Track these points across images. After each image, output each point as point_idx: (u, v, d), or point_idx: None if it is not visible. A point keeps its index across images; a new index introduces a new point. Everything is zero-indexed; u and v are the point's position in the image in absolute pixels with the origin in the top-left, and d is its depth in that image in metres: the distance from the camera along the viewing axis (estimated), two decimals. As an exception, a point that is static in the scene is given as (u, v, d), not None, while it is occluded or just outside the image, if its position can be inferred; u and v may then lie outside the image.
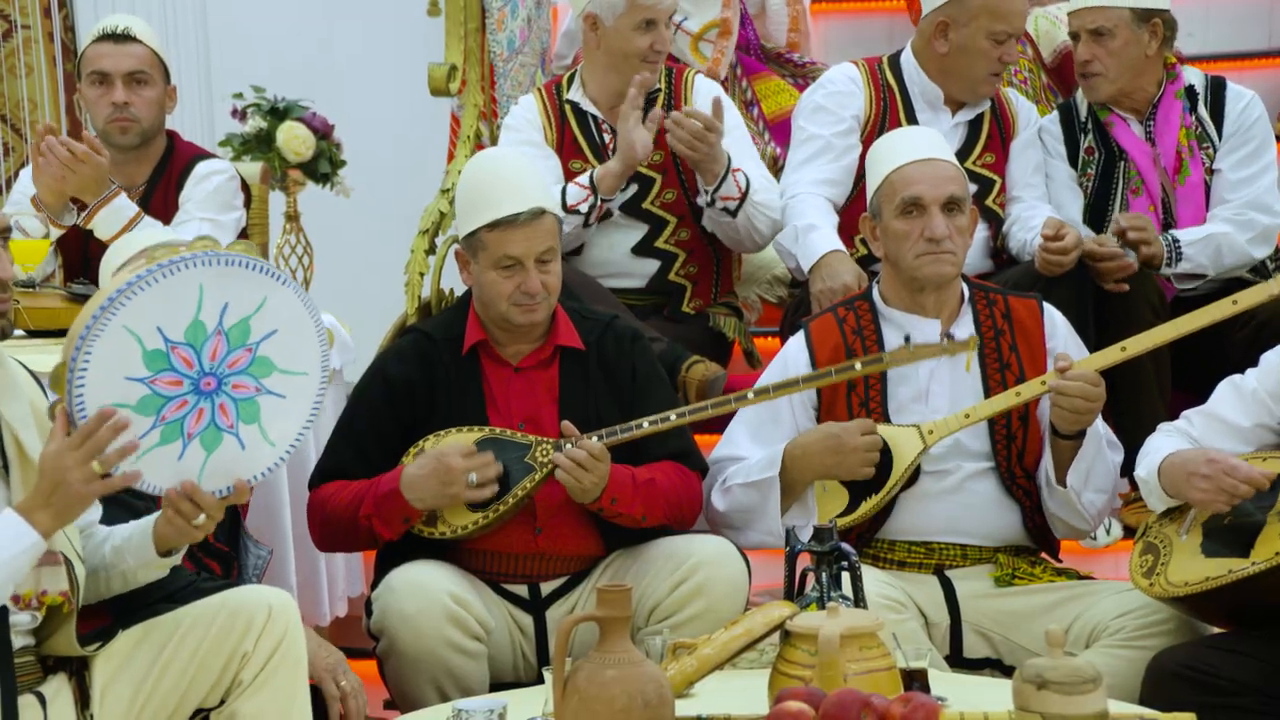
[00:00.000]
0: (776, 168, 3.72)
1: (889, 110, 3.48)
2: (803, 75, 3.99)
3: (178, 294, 2.14)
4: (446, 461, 2.70)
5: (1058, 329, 2.97)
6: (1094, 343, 3.09)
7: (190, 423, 2.18)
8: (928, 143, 2.97)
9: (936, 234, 2.84)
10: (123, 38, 3.44)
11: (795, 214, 3.40)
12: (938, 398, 2.90)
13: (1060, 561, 3.01)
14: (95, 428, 2.11)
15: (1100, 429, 2.87)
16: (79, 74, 3.53)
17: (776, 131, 3.93)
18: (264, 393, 2.22)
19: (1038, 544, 2.96)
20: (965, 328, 2.92)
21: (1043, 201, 3.51)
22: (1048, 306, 2.99)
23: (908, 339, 2.82)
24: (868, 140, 3.35)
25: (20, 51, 4.70)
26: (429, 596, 2.70)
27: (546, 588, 2.88)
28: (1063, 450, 2.85)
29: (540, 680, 2.58)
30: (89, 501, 2.15)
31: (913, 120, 3.47)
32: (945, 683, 2.45)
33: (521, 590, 2.87)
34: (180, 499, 2.20)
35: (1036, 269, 3.25)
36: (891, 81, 3.50)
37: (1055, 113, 3.60)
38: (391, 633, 2.71)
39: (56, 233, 3.28)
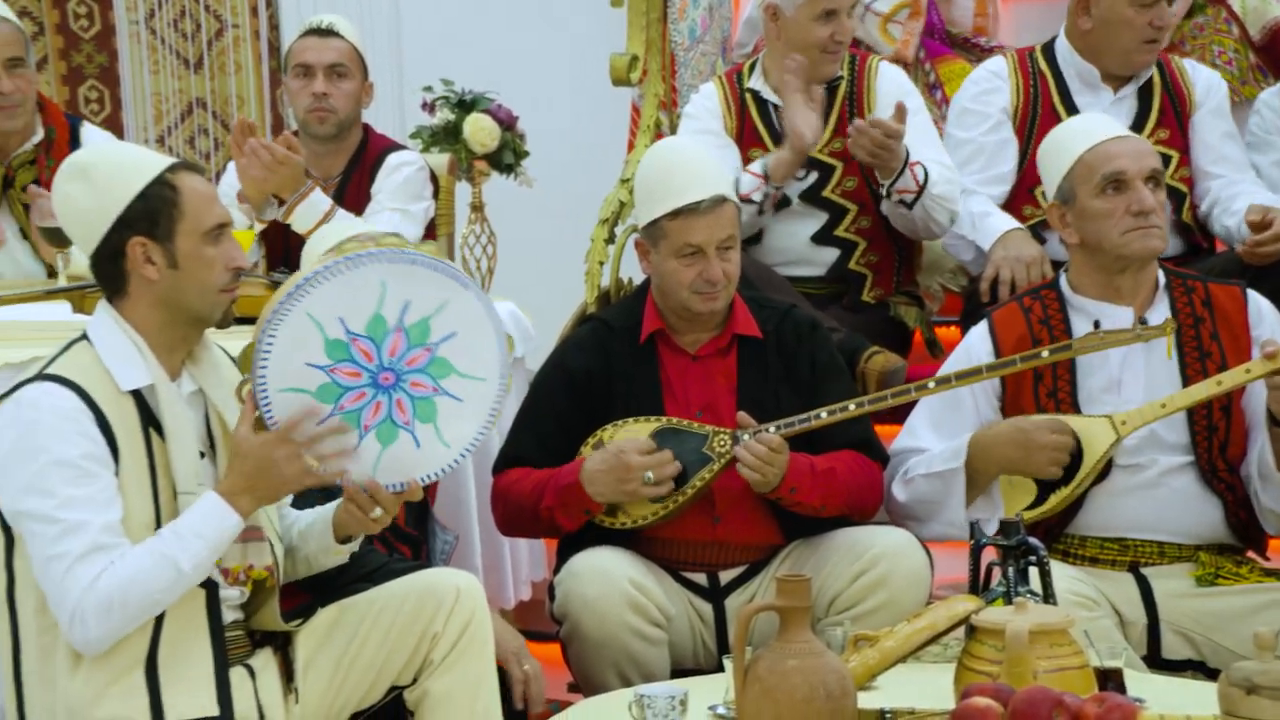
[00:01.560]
0: None
1: (1040, 97, 3.40)
2: (987, 59, 3.90)
3: (360, 287, 2.20)
4: (624, 459, 2.72)
5: (1264, 317, 2.84)
6: None
7: (367, 415, 2.24)
8: (1111, 123, 2.90)
9: (1145, 206, 2.75)
10: (326, 32, 3.58)
11: (965, 205, 3.35)
12: (1131, 387, 2.81)
13: (1269, 560, 2.89)
14: (302, 422, 2.19)
15: None
16: (285, 67, 3.67)
17: None
18: (441, 394, 2.27)
19: (1242, 541, 2.84)
20: (1161, 315, 2.82)
21: (1241, 175, 3.37)
22: (1252, 294, 2.86)
23: (1097, 324, 2.74)
24: (1020, 130, 3.28)
25: (230, 50, 4.91)
26: (610, 582, 2.73)
27: (725, 576, 2.88)
28: None
29: (720, 668, 2.59)
30: (295, 490, 2.24)
31: (1069, 103, 3.38)
32: (1143, 684, 2.38)
33: (700, 578, 2.88)
34: (358, 492, 2.27)
35: (1239, 256, 3.13)
36: (1044, 68, 3.42)
37: (1279, 86, 3.45)
38: (574, 617, 2.76)
39: (260, 226, 3.42)
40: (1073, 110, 3.36)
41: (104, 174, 2.23)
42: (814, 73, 3.45)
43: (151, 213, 2.23)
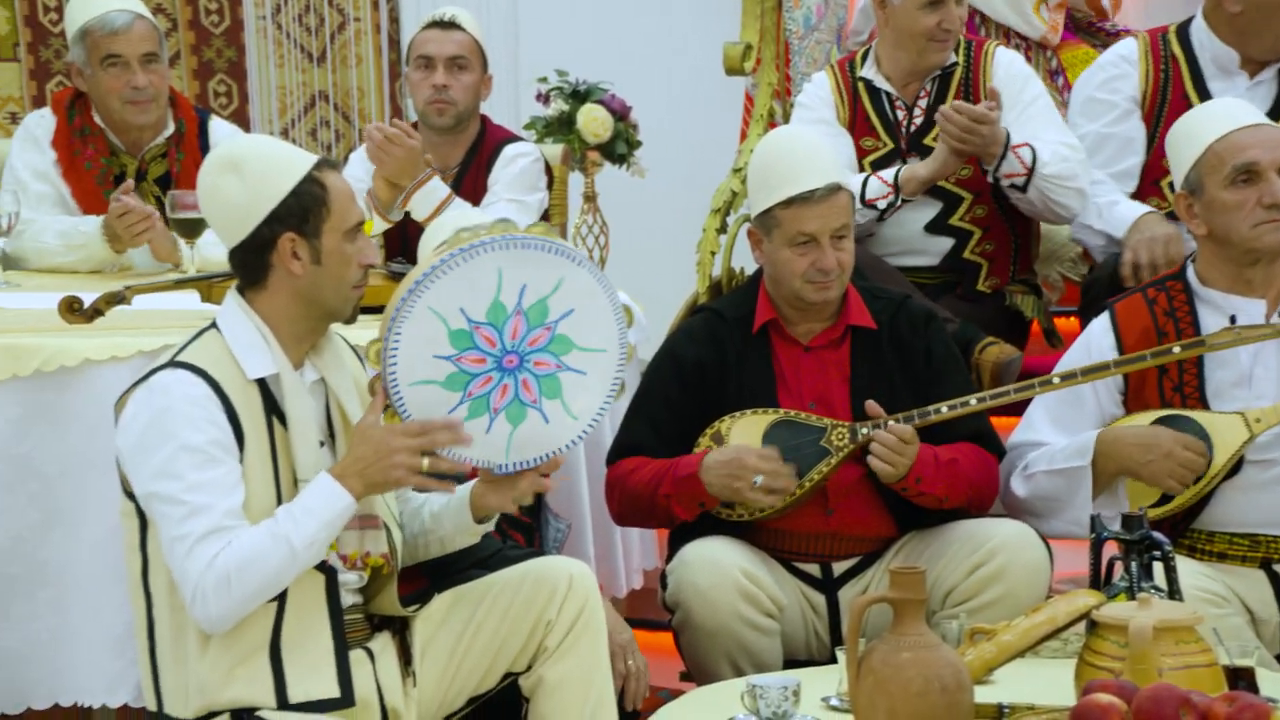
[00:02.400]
0: None
1: (1170, 81, 3.30)
2: (1114, 44, 3.81)
3: (477, 277, 2.24)
4: (742, 459, 2.72)
5: None
6: None
7: (495, 398, 2.28)
8: (1245, 110, 2.80)
9: (1279, 199, 2.67)
10: (448, 25, 3.62)
11: (1092, 194, 3.27)
12: (1264, 382, 2.73)
13: None
14: (440, 429, 2.23)
15: None
16: (406, 59, 3.73)
17: None
18: (565, 369, 2.30)
19: (1379, 538, 2.76)
20: (1296, 308, 2.74)
21: None
22: None
23: (1233, 320, 2.67)
24: (1148, 117, 3.19)
25: (352, 43, 5.00)
26: (722, 572, 2.73)
27: (839, 567, 2.87)
28: None
29: (833, 659, 2.58)
30: (401, 486, 2.28)
31: (1201, 88, 3.28)
32: (1276, 683, 2.30)
33: (813, 569, 2.87)
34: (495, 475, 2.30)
35: None
36: (1177, 51, 3.31)
37: None
38: (686, 606, 2.76)
39: (383, 226, 3.48)
40: (1205, 96, 3.26)
41: (257, 169, 2.28)
42: (921, 61, 3.41)
43: (303, 209, 2.28)
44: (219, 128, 3.68)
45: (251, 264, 2.31)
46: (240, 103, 4.94)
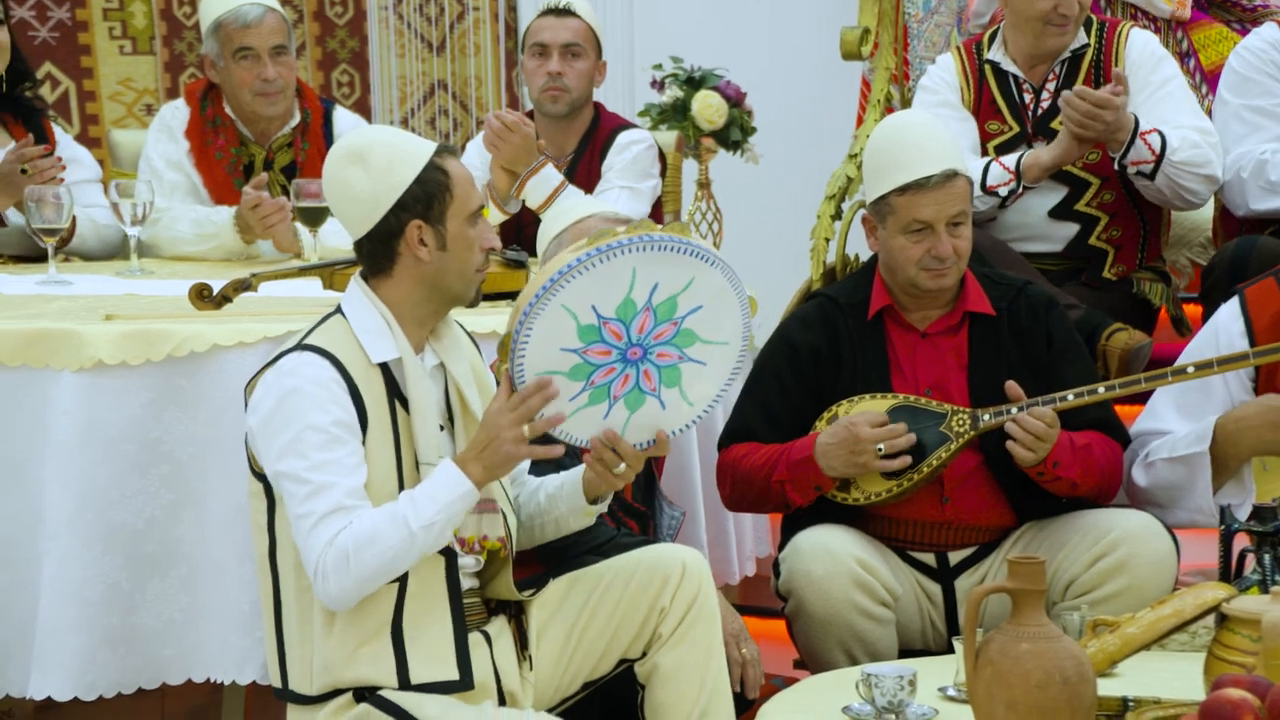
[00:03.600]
0: None
1: None
2: (1252, 20, 3.69)
3: (612, 276, 2.26)
4: (855, 431, 2.70)
5: None
6: None
7: (616, 386, 2.31)
8: None
9: None
10: (564, 12, 3.64)
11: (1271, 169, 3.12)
12: (1405, 366, 2.64)
13: None
14: (531, 394, 2.26)
15: None
16: (522, 47, 3.76)
17: (1216, 84, 3.67)
18: (686, 360, 2.32)
19: None
20: None
21: None
22: None
23: None
24: None
25: (470, 32, 5.06)
26: (836, 560, 2.72)
27: (954, 557, 2.83)
28: None
29: (949, 650, 2.55)
30: (516, 461, 2.30)
31: None
32: None
33: (929, 559, 2.84)
34: (604, 448, 2.33)
35: None
36: None
37: None
38: (799, 594, 2.75)
39: (501, 218, 3.52)
40: None
41: (381, 159, 2.32)
42: (1038, 46, 3.35)
43: (428, 196, 2.31)
44: (343, 118, 3.75)
45: (379, 253, 2.35)
46: (362, 92, 5.03)
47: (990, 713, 2.05)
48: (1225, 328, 2.79)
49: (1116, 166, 3.27)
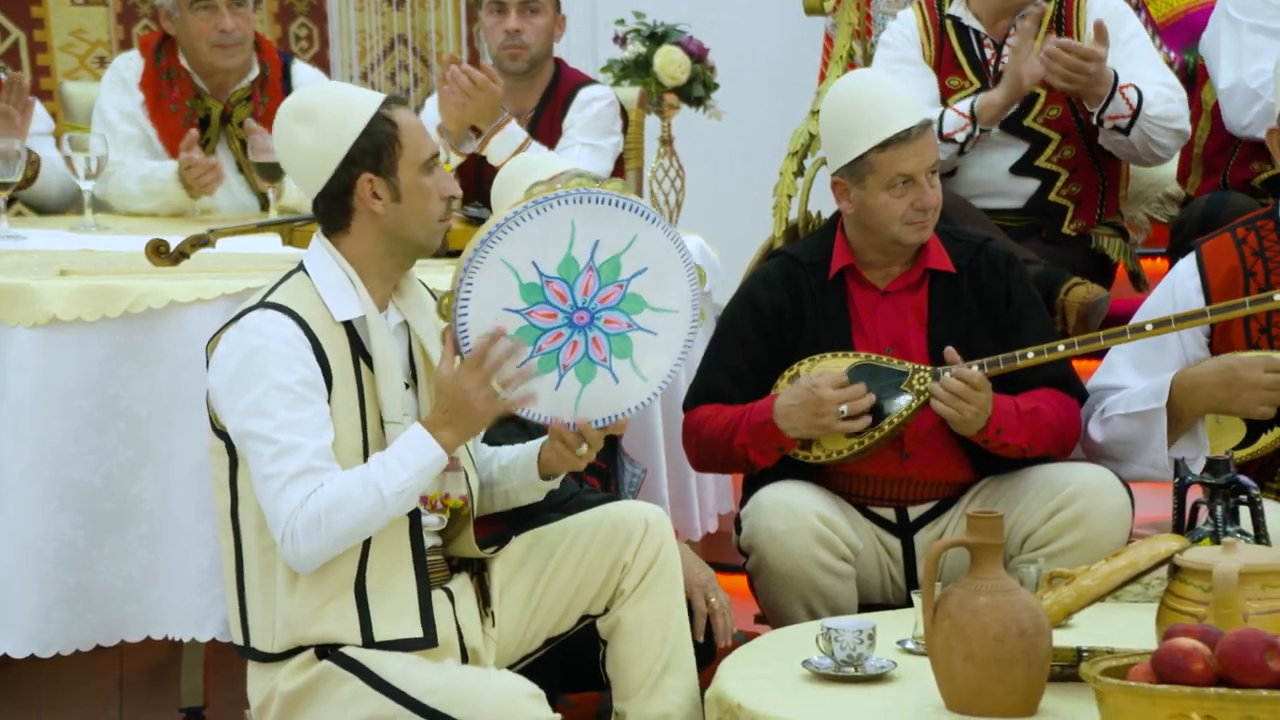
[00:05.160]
0: (1173, 71, 3.48)
1: None
2: None
3: (550, 230, 2.24)
4: (818, 393, 2.71)
5: None
6: None
7: (565, 354, 2.29)
8: None
9: None
10: None
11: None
12: (1356, 321, 2.67)
13: None
14: (488, 348, 2.24)
15: None
16: (480, 2, 3.72)
17: (1168, 35, 3.68)
18: (636, 329, 2.30)
19: None
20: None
21: None
22: None
23: None
24: None
25: (430, -15, 5.00)
26: (797, 516, 2.73)
27: (914, 512, 2.86)
28: None
29: (908, 603, 2.57)
30: (489, 420, 2.29)
31: None
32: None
33: (889, 514, 2.86)
34: (566, 431, 2.32)
35: None
36: None
37: None
38: (760, 550, 2.77)
39: (457, 160, 3.49)
40: None
41: (328, 114, 2.30)
42: (1000, 0, 3.34)
43: (376, 149, 2.29)
44: (302, 71, 3.70)
45: (334, 209, 2.33)
46: (321, 46, 4.96)
47: (948, 665, 2.07)
48: (1182, 283, 2.81)
49: (1095, 121, 3.27)
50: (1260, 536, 2.29)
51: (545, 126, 3.64)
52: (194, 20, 3.55)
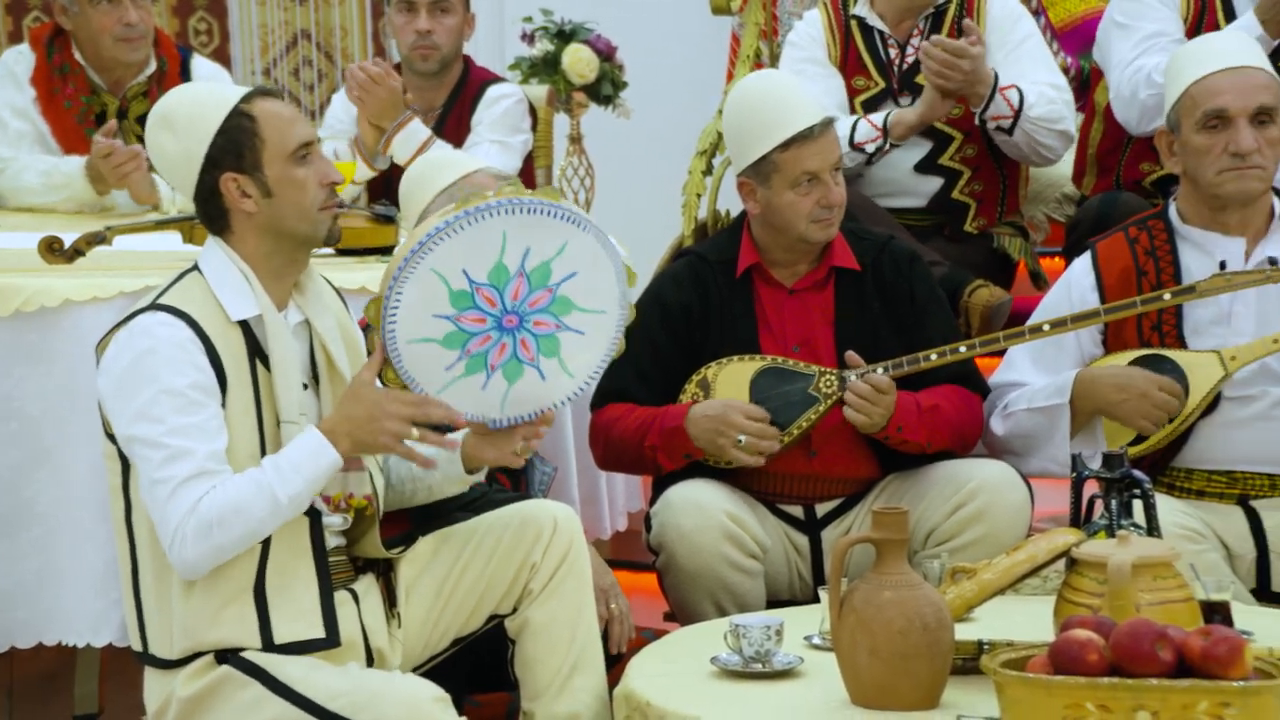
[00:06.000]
0: (1068, 78, 3.55)
1: (1207, 11, 3.25)
2: None
3: (482, 239, 2.22)
4: (729, 417, 2.72)
5: None
6: None
7: (493, 356, 2.28)
8: (1236, 48, 2.78)
9: (1242, 148, 2.66)
10: None
11: (1154, 75, 3.09)
12: (1242, 319, 2.73)
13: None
14: (434, 406, 2.22)
15: None
16: (388, 0, 3.68)
17: (1066, 40, 3.75)
18: (564, 329, 2.30)
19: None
20: (1275, 246, 2.74)
21: None
22: None
23: (1223, 265, 2.66)
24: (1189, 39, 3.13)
25: (335, -20, 4.94)
26: (706, 514, 2.74)
27: (821, 509, 2.88)
28: None
29: (815, 599, 2.59)
30: (386, 450, 2.26)
31: (1232, 16, 3.23)
32: (1251, 617, 2.34)
33: (796, 511, 2.88)
34: (492, 427, 2.30)
35: None
36: None
37: None
38: (670, 548, 2.77)
39: (369, 173, 3.45)
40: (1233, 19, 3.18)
41: (183, 118, 2.26)
42: (904, 1, 3.38)
43: (235, 146, 2.25)
44: (201, 66, 3.64)
45: (211, 212, 2.29)
46: (221, 41, 4.88)
47: (853, 660, 2.09)
48: (1077, 282, 2.86)
49: (977, 121, 3.32)
50: (1152, 529, 2.34)
51: (453, 124, 3.61)
52: (95, 14, 3.47)
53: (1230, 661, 1.82)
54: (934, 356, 2.75)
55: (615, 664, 2.47)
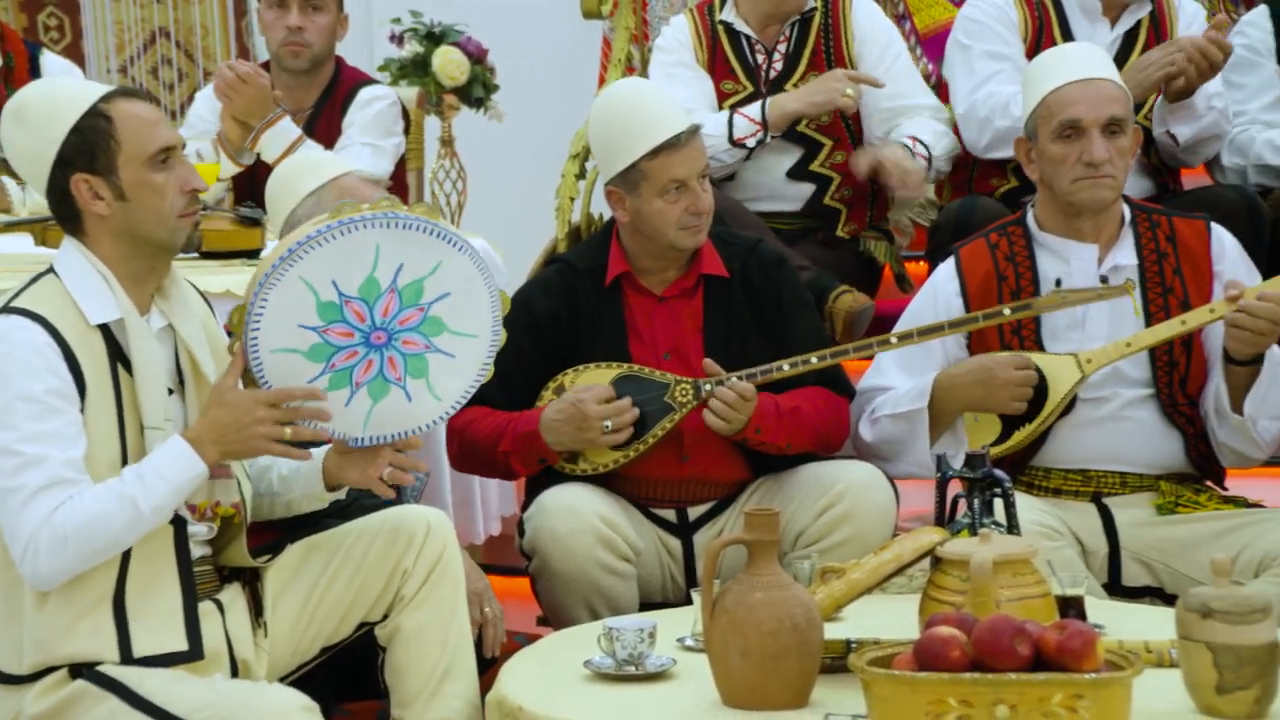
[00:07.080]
0: (930, 84, 3.64)
1: (1045, 26, 3.36)
2: None
3: (354, 251, 2.19)
4: (582, 408, 2.73)
5: (1226, 251, 2.86)
6: (1266, 268, 2.97)
7: (359, 372, 2.25)
8: (1088, 60, 2.87)
9: (1095, 158, 2.75)
10: None
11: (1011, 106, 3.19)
12: (1096, 324, 2.83)
13: (1226, 490, 2.92)
14: (300, 398, 2.18)
15: (1277, 354, 2.77)
16: None
17: (929, 46, 3.84)
18: (433, 350, 2.27)
19: (1201, 472, 2.88)
20: (1126, 253, 2.84)
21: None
22: (1216, 228, 2.88)
23: (1059, 283, 2.76)
24: (1029, 58, 3.23)
25: (194, -23, 4.82)
26: (579, 518, 2.74)
27: (694, 512, 2.90)
28: (1238, 377, 2.75)
29: (688, 601, 2.61)
30: (260, 454, 2.23)
31: (1069, 35, 3.35)
32: (1103, 610, 2.42)
33: (669, 514, 2.90)
34: (354, 446, 2.27)
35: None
36: None
37: (1263, 7, 3.39)
38: (543, 553, 2.76)
39: (233, 169, 3.38)
40: (1070, 39, 3.30)
41: (37, 113, 2.19)
42: (778, 7, 3.43)
43: (90, 146, 2.19)
44: (52, 62, 3.52)
45: (63, 212, 2.23)
46: (74, 37, 4.74)
47: (725, 660, 2.11)
48: (942, 287, 2.93)
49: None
50: (1012, 527, 2.40)
51: (324, 125, 3.57)
52: None
53: (1083, 655, 1.88)
54: (786, 366, 2.79)
55: (488, 669, 2.46)
